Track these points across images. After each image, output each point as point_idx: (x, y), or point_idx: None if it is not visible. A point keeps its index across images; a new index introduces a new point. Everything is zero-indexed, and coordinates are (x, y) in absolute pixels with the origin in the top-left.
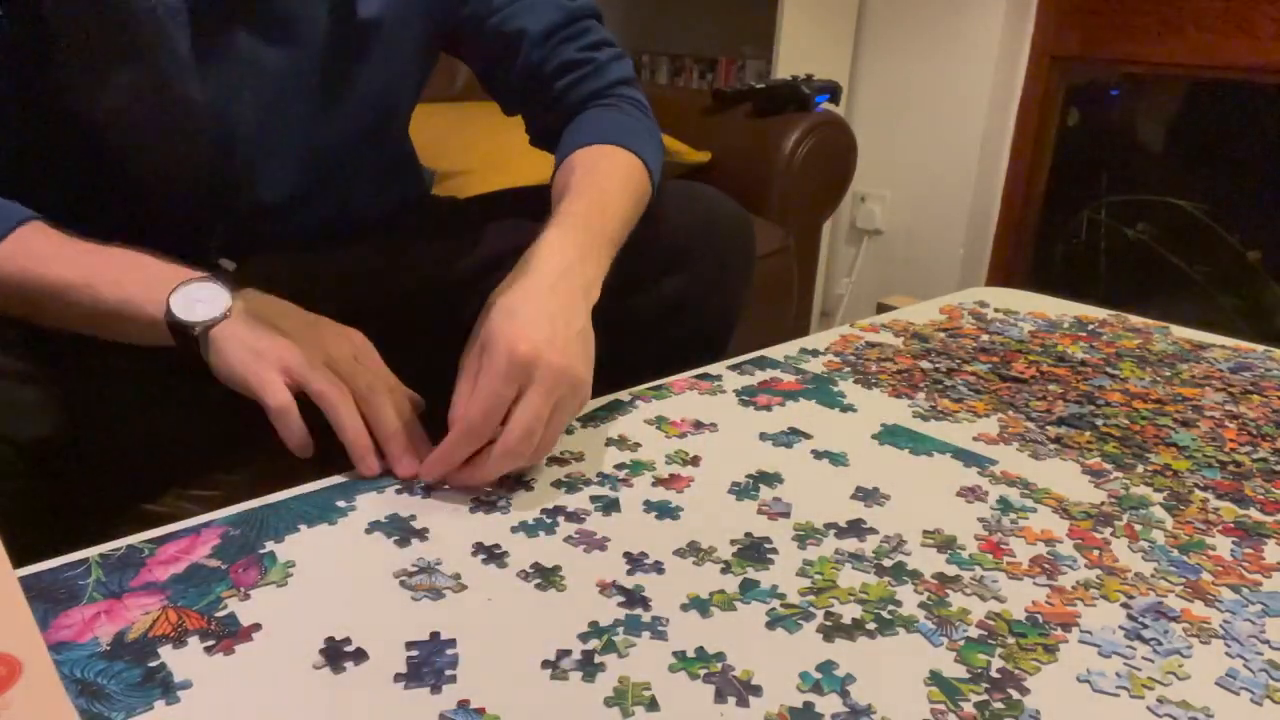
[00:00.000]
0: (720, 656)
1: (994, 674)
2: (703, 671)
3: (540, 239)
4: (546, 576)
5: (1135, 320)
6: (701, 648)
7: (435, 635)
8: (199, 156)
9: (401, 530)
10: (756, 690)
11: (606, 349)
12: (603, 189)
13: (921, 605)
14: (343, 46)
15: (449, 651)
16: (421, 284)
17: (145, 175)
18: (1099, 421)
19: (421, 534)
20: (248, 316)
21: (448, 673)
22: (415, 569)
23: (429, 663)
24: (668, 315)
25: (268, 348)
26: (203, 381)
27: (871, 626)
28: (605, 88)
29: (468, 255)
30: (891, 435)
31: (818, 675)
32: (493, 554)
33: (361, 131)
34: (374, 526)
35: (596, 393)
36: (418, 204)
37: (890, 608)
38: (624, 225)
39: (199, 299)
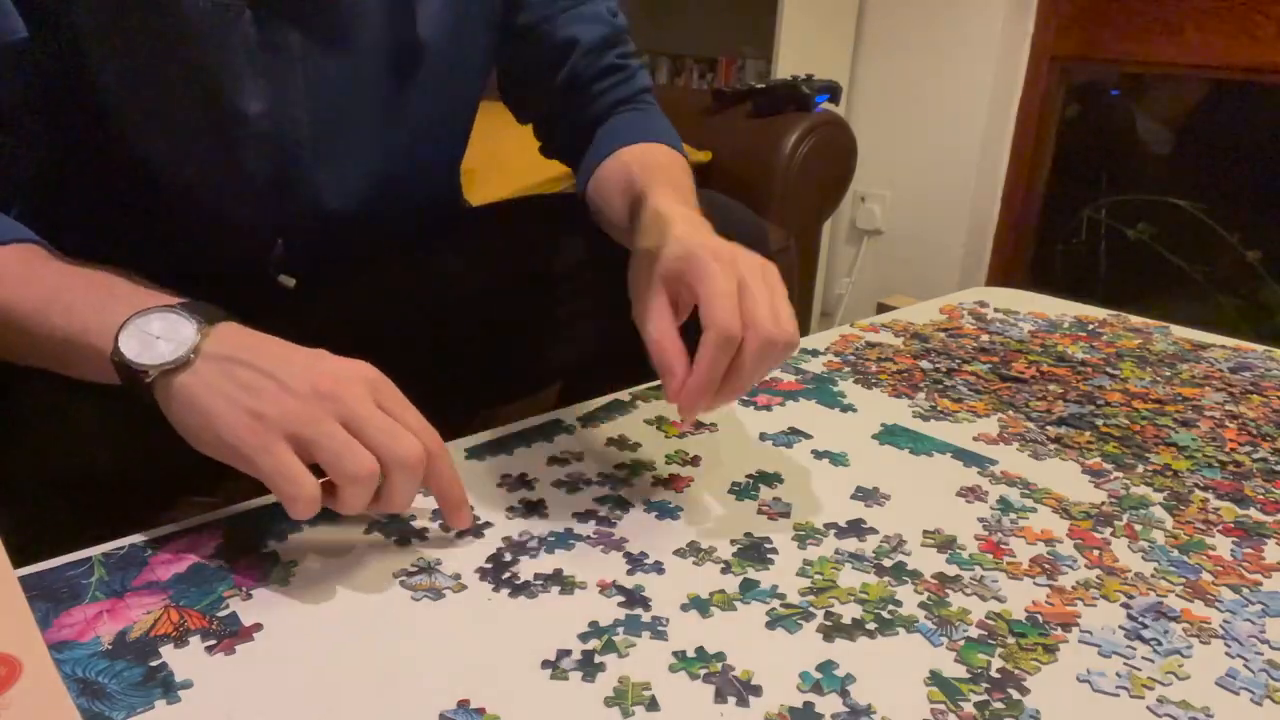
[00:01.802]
0: (720, 656)
1: (994, 674)
2: (703, 671)
3: (650, 205)
4: (547, 576)
5: (1135, 320)
6: (701, 648)
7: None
8: (255, 164)
9: (401, 530)
10: (756, 690)
11: (624, 347)
12: (676, 178)
13: (921, 605)
14: (403, 62)
15: None
16: (463, 292)
17: (202, 188)
18: (1099, 421)
19: (421, 534)
20: (221, 361)
21: None
22: (415, 569)
23: None
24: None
25: (267, 406)
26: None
27: (871, 626)
28: (633, 94)
29: (503, 264)
30: (891, 435)
31: (818, 675)
32: (493, 554)
33: (427, 148)
34: (374, 526)
35: (603, 391)
36: (452, 213)
37: (890, 608)
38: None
39: (159, 334)
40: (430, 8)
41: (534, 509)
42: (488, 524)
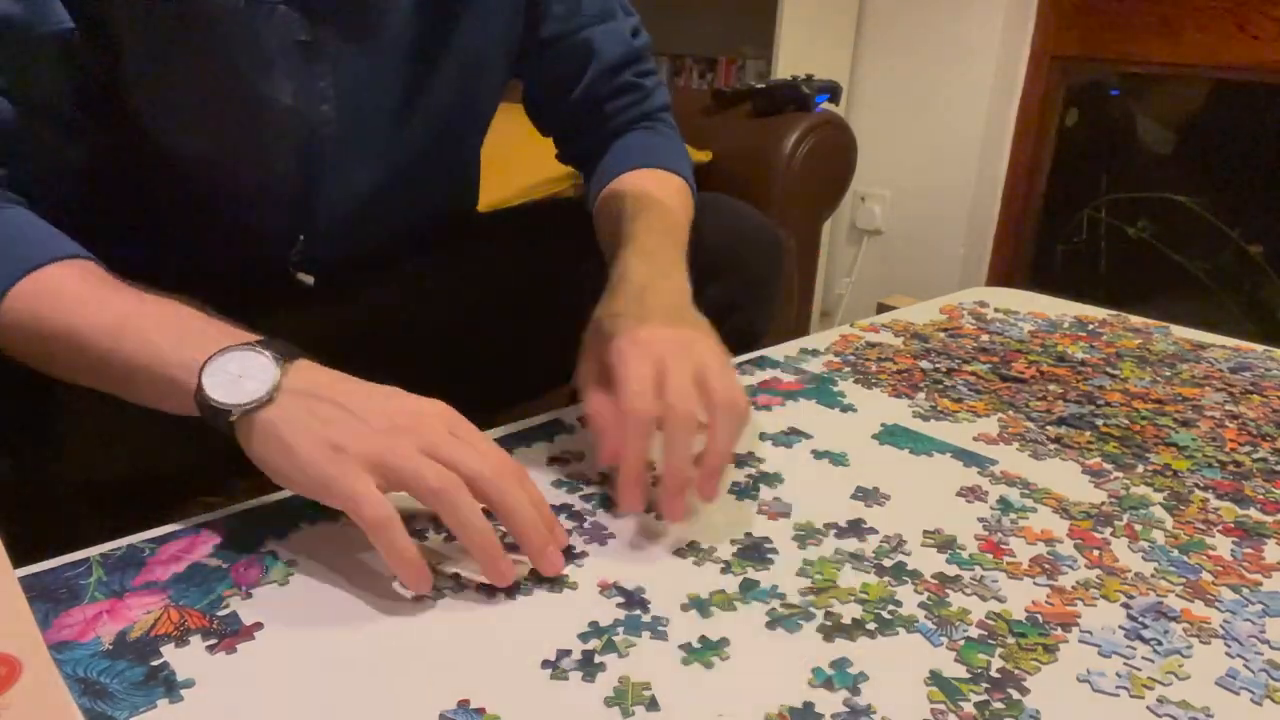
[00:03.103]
0: (724, 641)
1: (994, 674)
2: (715, 659)
3: (619, 265)
4: (547, 576)
5: (1135, 320)
6: (705, 636)
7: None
8: (282, 159)
9: None
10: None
11: None
12: (672, 211)
13: (921, 605)
14: (429, 58)
15: None
16: (479, 299)
17: (229, 184)
18: (1099, 421)
19: (421, 534)
20: (302, 396)
21: None
22: None
23: None
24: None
25: (348, 439)
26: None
27: (871, 626)
28: (649, 112)
29: (518, 267)
30: (891, 435)
31: (830, 672)
32: None
33: (439, 141)
34: None
35: None
36: (467, 216)
37: (890, 608)
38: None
39: (241, 373)
40: (462, 5)
41: None
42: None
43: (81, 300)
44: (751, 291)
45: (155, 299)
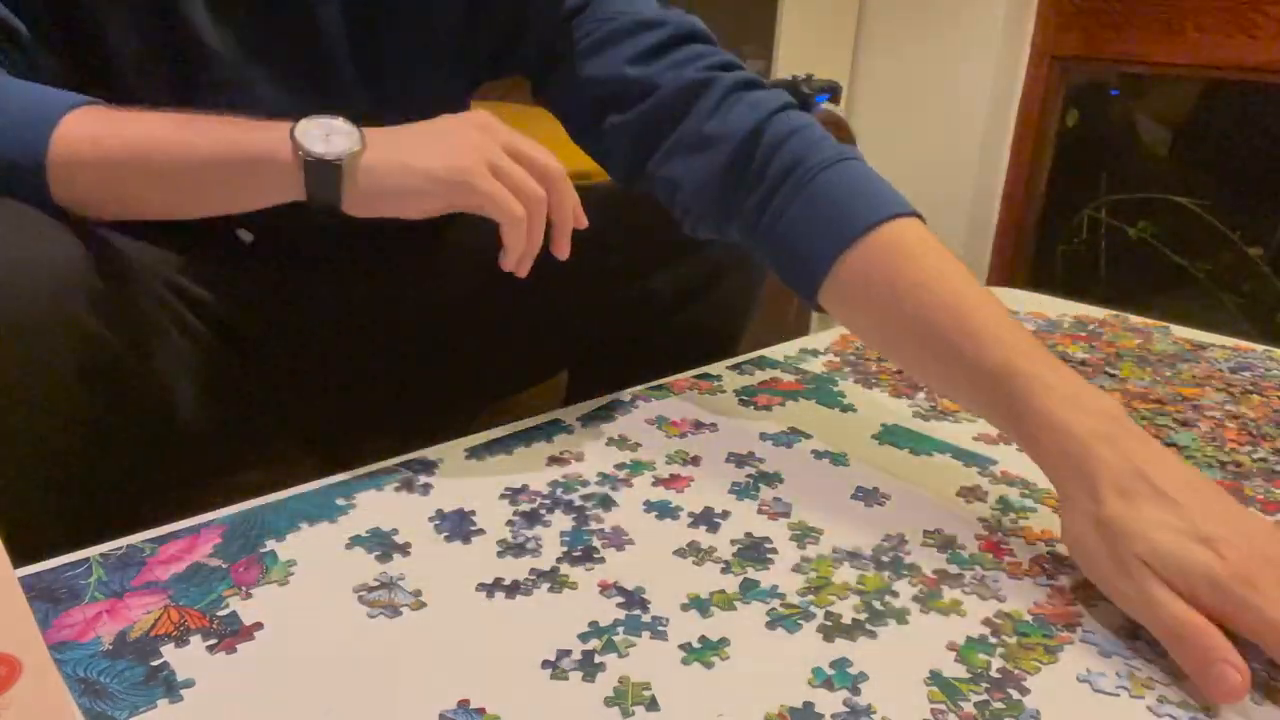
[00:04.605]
0: (725, 641)
1: (994, 674)
2: (714, 659)
3: (1042, 414)
4: (547, 576)
5: (1135, 320)
6: (705, 636)
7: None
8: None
9: (392, 543)
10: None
11: (623, 332)
12: (1005, 318)
13: (915, 599)
14: (366, 88)
15: None
16: (471, 292)
17: None
18: None
19: (389, 554)
20: (385, 138)
21: None
22: (401, 574)
23: None
24: (683, 300)
25: (455, 149)
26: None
27: (871, 627)
28: (775, 110)
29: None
30: (891, 435)
31: (830, 671)
32: (492, 555)
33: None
34: (369, 532)
35: (609, 384)
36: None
37: (886, 598)
38: None
39: (326, 132)
40: (394, 42)
41: (534, 509)
42: (481, 530)
43: (131, 119)
44: (741, 262)
45: (183, 114)
